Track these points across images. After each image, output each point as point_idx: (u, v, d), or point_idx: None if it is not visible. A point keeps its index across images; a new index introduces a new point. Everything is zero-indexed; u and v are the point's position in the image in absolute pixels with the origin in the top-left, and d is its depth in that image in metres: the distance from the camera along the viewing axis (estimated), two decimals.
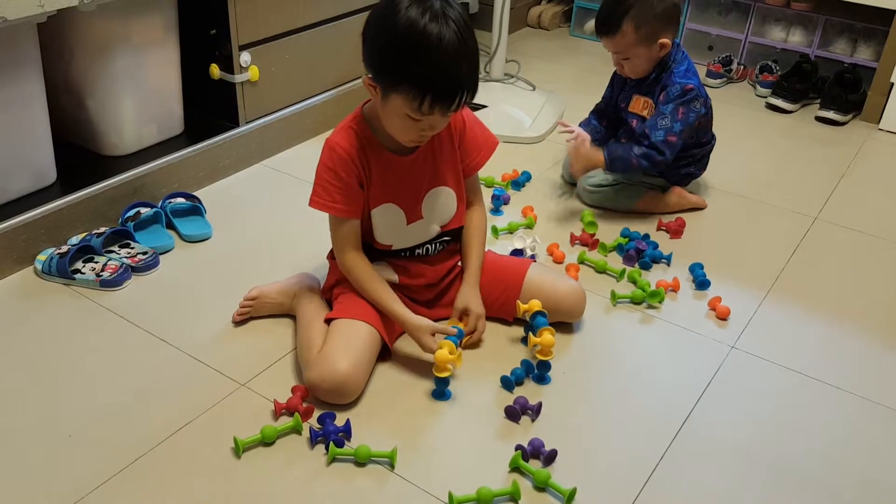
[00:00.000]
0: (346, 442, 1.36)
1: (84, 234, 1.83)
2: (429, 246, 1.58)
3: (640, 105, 2.05)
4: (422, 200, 1.53)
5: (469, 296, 1.56)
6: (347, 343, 1.43)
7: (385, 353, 1.53)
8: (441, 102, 1.33)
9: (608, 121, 2.19)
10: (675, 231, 2.01)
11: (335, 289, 1.58)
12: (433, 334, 1.48)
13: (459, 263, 1.64)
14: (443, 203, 1.55)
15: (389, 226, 1.52)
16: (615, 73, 2.14)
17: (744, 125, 2.64)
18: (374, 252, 1.55)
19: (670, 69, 1.99)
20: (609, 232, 2.00)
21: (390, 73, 1.34)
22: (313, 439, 1.36)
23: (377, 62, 1.37)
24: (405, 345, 1.58)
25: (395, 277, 1.57)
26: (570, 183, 2.23)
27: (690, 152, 2.09)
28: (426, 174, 1.52)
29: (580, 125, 2.14)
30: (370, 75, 1.38)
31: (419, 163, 1.50)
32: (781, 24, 3.00)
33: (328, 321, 1.50)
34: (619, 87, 2.14)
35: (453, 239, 1.61)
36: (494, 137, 1.60)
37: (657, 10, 1.91)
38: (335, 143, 1.46)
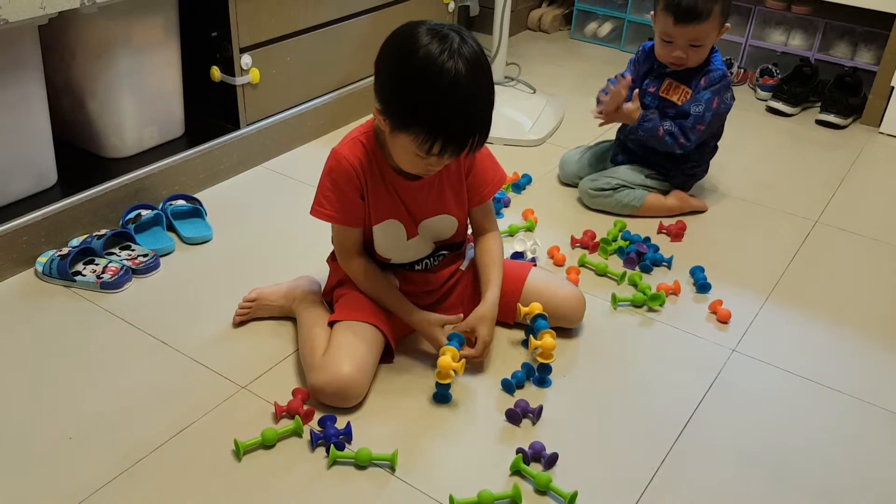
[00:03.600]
0: (346, 445, 1.36)
1: (85, 236, 1.83)
2: (427, 261, 1.58)
3: (675, 92, 2.05)
4: (421, 223, 1.52)
5: (482, 318, 1.49)
6: (350, 346, 1.43)
7: (387, 355, 1.53)
8: (452, 147, 1.31)
9: None
10: (676, 234, 2.01)
11: (336, 290, 1.58)
12: (442, 327, 1.48)
13: (462, 268, 1.64)
14: (442, 227, 1.55)
15: (390, 241, 1.52)
16: (638, 56, 2.14)
17: (744, 129, 2.64)
18: (375, 262, 1.55)
19: (710, 56, 2.02)
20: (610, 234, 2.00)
21: (400, 114, 1.31)
22: (314, 442, 1.35)
23: (389, 99, 1.32)
24: (407, 347, 1.58)
25: (395, 282, 1.57)
26: (567, 184, 2.23)
27: (701, 151, 2.09)
28: (430, 200, 1.50)
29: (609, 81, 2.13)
30: (379, 108, 1.34)
31: (424, 189, 1.49)
32: (782, 27, 3.00)
33: (331, 324, 1.50)
34: (645, 70, 2.12)
35: (451, 251, 1.61)
36: (503, 172, 1.58)
37: None
38: (341, 154, 1.43)
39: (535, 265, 1.69)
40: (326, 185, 1.45)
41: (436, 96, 1.27)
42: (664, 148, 2.02)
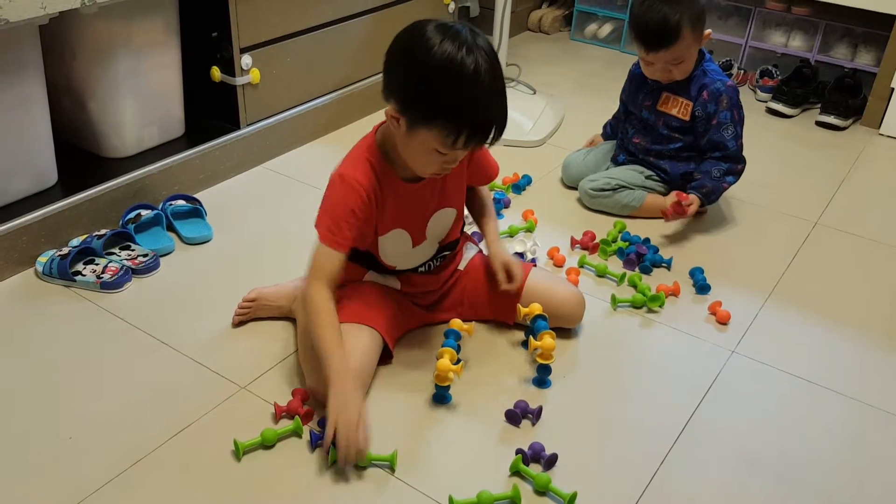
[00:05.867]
0: None
1: (85, 236, 1.84)
2: (431, 263, 1.58)
3: (672, 105, 2.04)
4: (428, 223, 1.52)
5: (504, 252, 1.58)
6: (350, 348, 1.43)
7: (386, 357, 1.53)
8: (476, 138, 1.32)
9: (619, 123, 2.24)
10: (677, 212, 1.95)
11: (337, 292, 1.58)
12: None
13: (460, 267, 1.64)
14: (445, 222, 1.55)
15: (396, 249, 1.52)
16: (632, 74, 2.15)
17: (744, 130, 2.64)
18: (380, 267, 1.54)
19: (702, 64, 2.01)
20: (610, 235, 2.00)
21: (424, 109, 1.30)
22: (314, 442, 1.35)
23: (409, 96, 1.32)
24: (406, 348, 1.58)
25: (397, 284, 1.57)
26: (571, 187, 2.23)
27: (700, 153, 2.09)
28: (434, 197, 1.50)
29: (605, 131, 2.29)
30: (396, 108, 1.33)
31: (428, 188, 1.49)
32: (782, 28, 3.00)
33: None
34: (637, 86, 2.12)
35: (452, 250, 1.61)
36: (495, 161, 1.61)
37: (701, 1, 1.93)
38: (351, 177, 1.40)
39: (534, 265, 1.69)
40: (338, 212, 1.39)
41: (460, 89, 1.27)
42: (736, 180, 2.03)
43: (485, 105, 1.30)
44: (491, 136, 1.33)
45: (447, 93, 1.28)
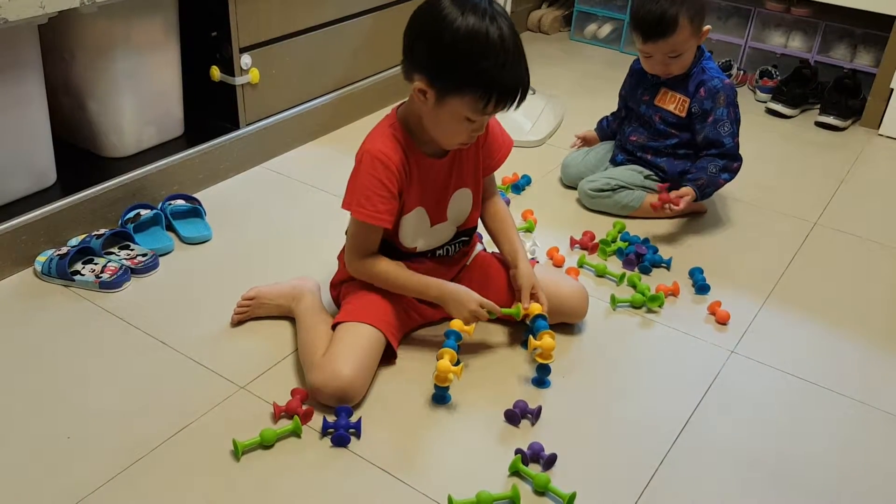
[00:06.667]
0: (353, 439, 1.37)
1: (84, 236, 1.83)
2: (449, 247, 1.59)
3: (670, 100, 2.05)
4: (448, 203, 1.53)
5: (532, 274, 1.57)
6: (351, 347, 1.43)
7: (389, 356, 1.53)
8: (505, 100, 1.38)
9: (618, 120, 2.23)
10: (664, 200, 1.95)
11: (344, 286, 1.58)
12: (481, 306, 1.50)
13: (468, 263, 1.65)
14: (463, 204, 1.56)
15: (416, 228, 1.53)
16: (633, 70, 2.15)
17: (743, 130, 2.61)
18: (398, 254, 1.55)
19: (700, 62, 2.01)
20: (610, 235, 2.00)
21: (454, 78, 1.35)
22: (324, 430, 1.36)
23: (437, 68, 1.36)
24: (407, 347, 1.58)
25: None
26: (570, 187, 2.23)
27: (699, 154, 2.09)
28: (453, 176, 1.53)
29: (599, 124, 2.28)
30: (425, 81, 1.37)
31: (448, 166, 1.51)
32: (781, 29, 3.00)
33: (334, 325, 1.50)
34: (637, 81, 2.13)
35: (469, 239, 1.62)
36: (510, 137, 1.63)
37: None
38: (380, 151, 1.43)
39: (536, 262, 1.70)
40: (369, 186, 1.43)
41: (488, 57, 1.33)
42: (732, 178, 2.02)
43: (511, 69, 1.36)
44: (518, 97, 1.39)
45: (476, 62, 1.33)
